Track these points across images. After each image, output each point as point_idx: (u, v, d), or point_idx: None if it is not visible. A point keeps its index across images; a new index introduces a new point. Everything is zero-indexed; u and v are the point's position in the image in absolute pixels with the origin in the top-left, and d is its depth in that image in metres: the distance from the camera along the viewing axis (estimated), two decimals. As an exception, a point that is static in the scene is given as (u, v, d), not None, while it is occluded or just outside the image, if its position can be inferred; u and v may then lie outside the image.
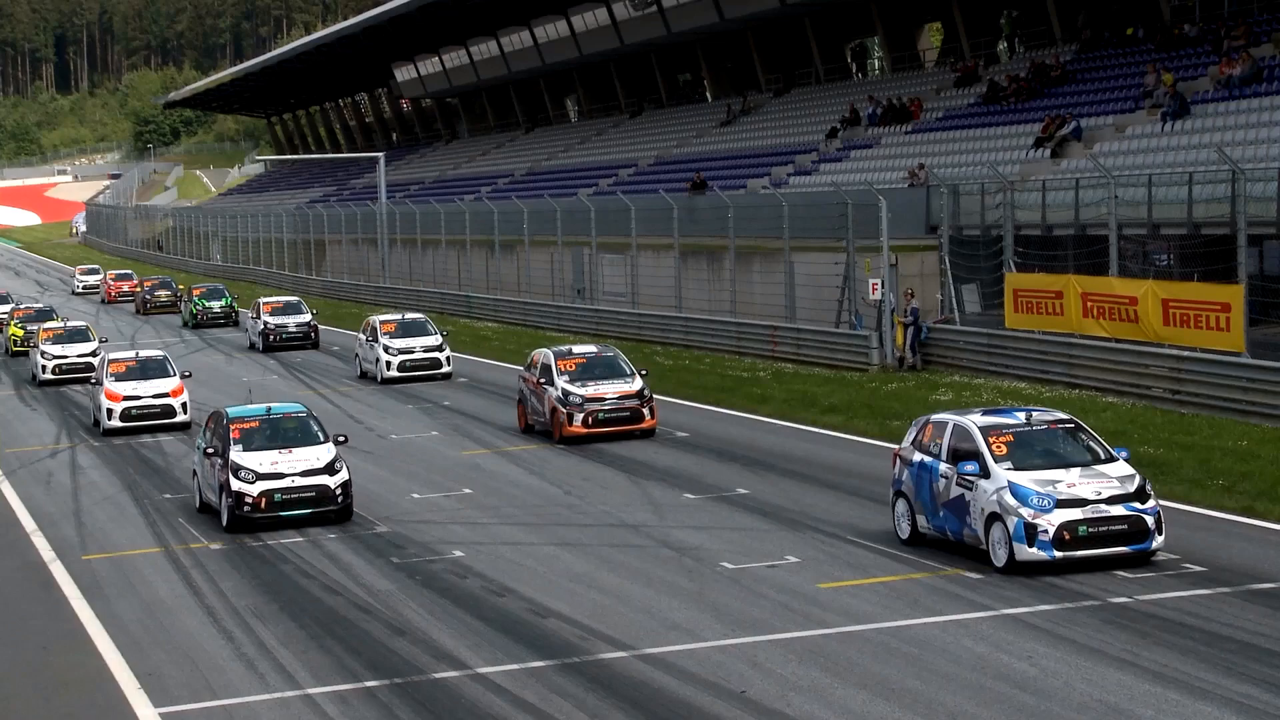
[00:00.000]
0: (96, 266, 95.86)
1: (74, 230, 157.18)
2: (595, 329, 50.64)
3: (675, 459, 28.47)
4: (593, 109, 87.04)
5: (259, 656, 17.55)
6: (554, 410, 30.65)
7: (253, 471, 24.03)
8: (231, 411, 25.54)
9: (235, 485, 23.95)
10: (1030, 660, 15.98)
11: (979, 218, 38.53)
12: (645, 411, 30.77)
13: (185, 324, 64.07)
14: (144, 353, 37.45)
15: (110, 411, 35.22)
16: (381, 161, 79.99)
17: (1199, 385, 29.70)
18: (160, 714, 15.77)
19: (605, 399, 30.51)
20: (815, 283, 41.03)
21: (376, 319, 44.12)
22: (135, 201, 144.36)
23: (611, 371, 31.39)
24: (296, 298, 57.16)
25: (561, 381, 30.74)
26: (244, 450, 24.36)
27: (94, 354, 43.96)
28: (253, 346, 53.30)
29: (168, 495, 27.63)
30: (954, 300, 37.51)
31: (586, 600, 19.10)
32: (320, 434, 25.08)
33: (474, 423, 34.19)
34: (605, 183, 67.98)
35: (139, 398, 35.30)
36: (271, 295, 61.67)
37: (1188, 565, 19.18)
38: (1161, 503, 22.79)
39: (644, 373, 31.91)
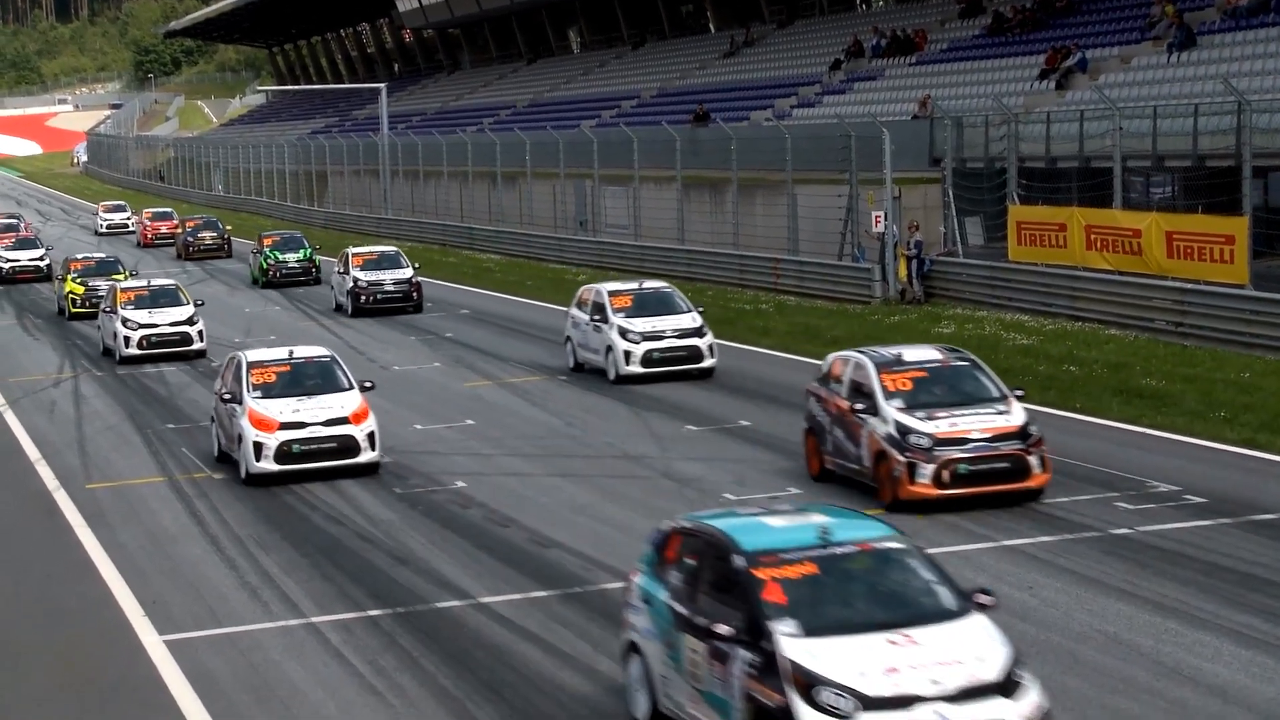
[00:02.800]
0: (123, 203, 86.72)
1: (75, 160, 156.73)
2: (597, 261, 50.57)
3: (677, 391, 28.48)
4: (595, 40, 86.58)
5: (262, 585, 17.62)
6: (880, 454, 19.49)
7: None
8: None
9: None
10: (1030, 591, 16.04)
11: (983, 150, 38.37)
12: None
13: (255, 281, 51.77)
14: (302, 351, 24.55)
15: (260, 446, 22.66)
16: (383, 93, 79.66)
17: (1202, 318, 29.67)
18: (164, 641, 15.86)
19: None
20: (818, 215, 40.92)
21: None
22: (136, 132, 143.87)
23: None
24: (394, 248, 45.92)
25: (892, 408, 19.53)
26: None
27: (191, 321, 35.81)
28: (340, 308, 42.96)
29: (170, 425, 27.68)
30: (957, 233, 37.42)
31: (588, 531, 19.16)
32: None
33: (476, 354, 34.20)
34: (608, 114, 67.69)
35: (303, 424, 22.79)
36: (363, 244, 50.37)
37: (1189, 497, 19.22)
38: (1163, 434, 22.97)
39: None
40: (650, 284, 31.03)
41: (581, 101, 74.57)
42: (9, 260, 57.26)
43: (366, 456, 22.53)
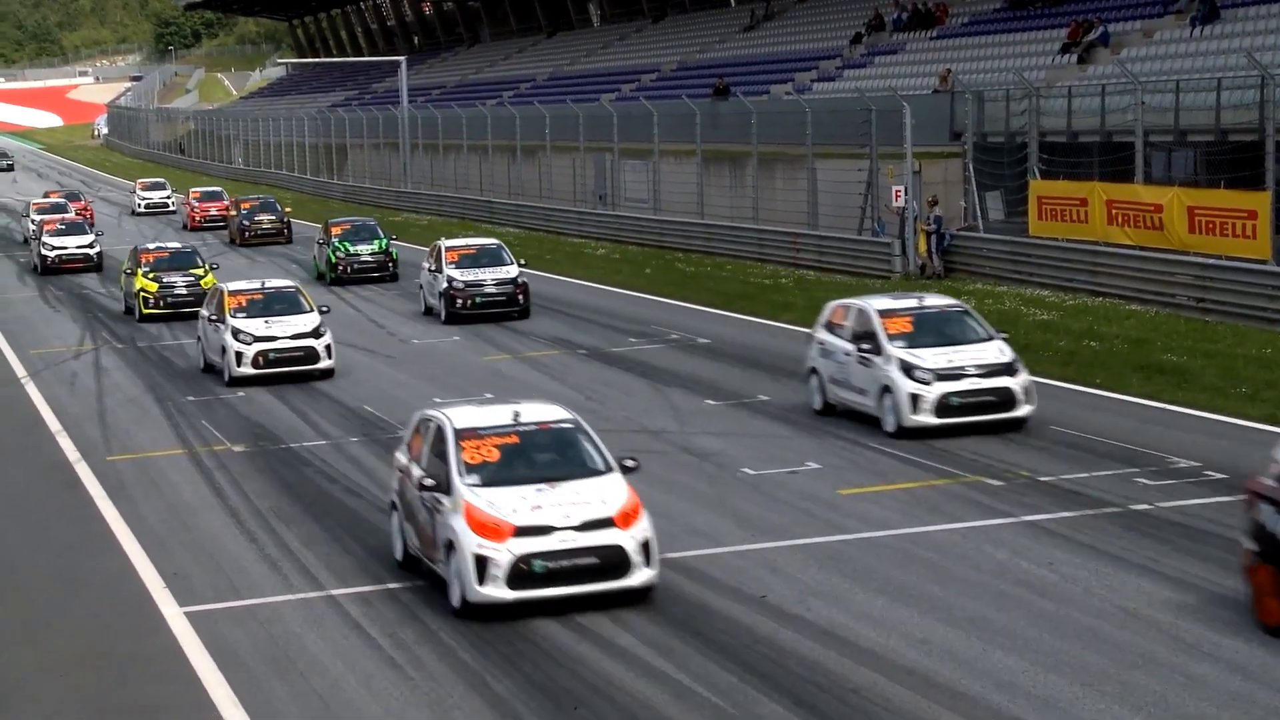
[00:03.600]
0: (162, 180, 79.25)
1: (96, 133, 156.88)
2: (616, 235, 50.54)
3: (696, 365, 28.47)
4: (615, 13, 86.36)
5: (282, 557, 17.67)
6: None
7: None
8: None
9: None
10: (1050, 566, 16.02)
11: (1004, 124, 38.25)
12: None
13: (321, 276, 43.95)
14: (532, 412, 16.79)
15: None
16: (403, 65, 79.57)
17: (1224, 293, 29.57)
18: (185, 613, 15.91)
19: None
20: (838, 190, 40.83)
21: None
22: (156, 104, 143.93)
23: None
24: (495, 241, 37.78)
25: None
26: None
27: (317, 332, 28.72)
28: (430, 312, 36.05)
29: (191, 397, 27.75)
30: (977, 207, 37.32)
31: (607, 504, 19.11)
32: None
33: (494, 328, 34.17)
34: (628, 88, 67.56)
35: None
36: (457, 236, 41.28)
37: (1209, 473, 19.18)
38: (1184, 410, 22.91)
39: None
40: (933, 300, 23.51)
41: (601, 75, 74.43)
42: (55, 248, 49.76)
43: (640, 577, 15.24)
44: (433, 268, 35.93)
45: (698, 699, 13.05)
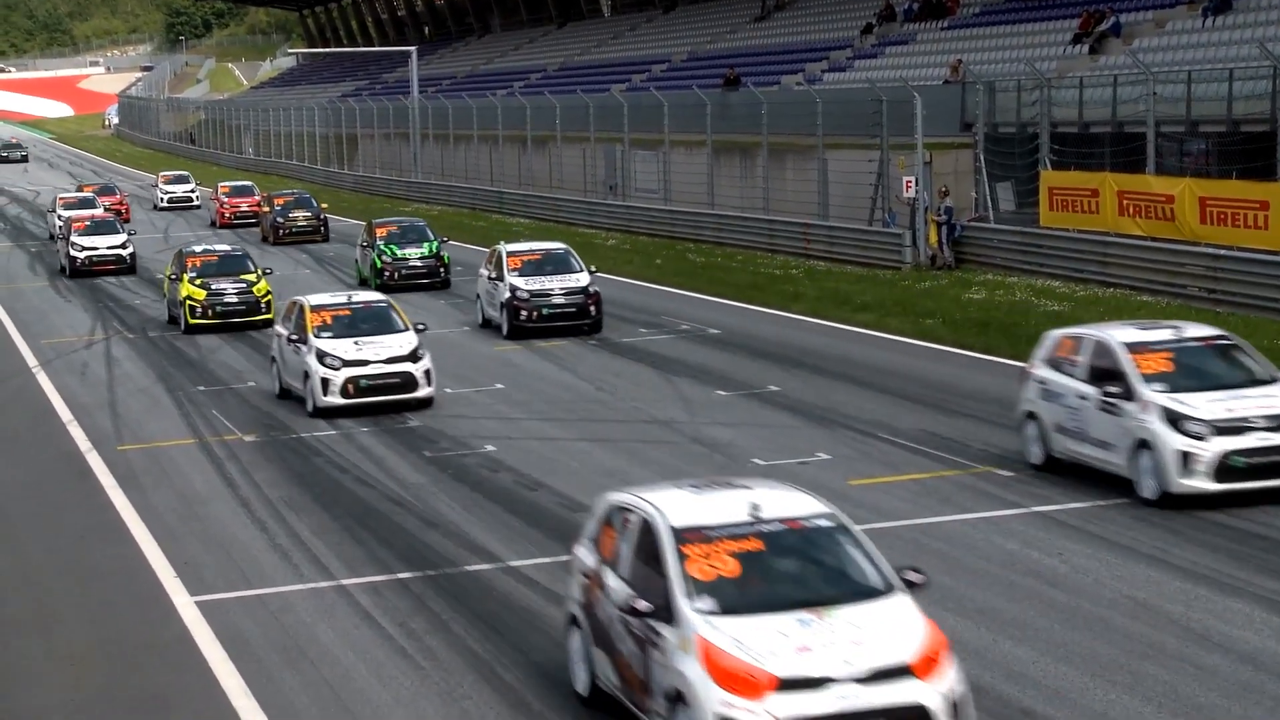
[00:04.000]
0: (186, 173, 75.16)
1: (107, 122, 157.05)
2: (627, 226, 50.53)
3: (707, 356, 28.48)
4: (625, 4, 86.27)
5: (293, 547, 17.70)
6: None
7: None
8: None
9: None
10: (1060, 557, 16.02)
11: (1015, 115, 38.17)
12: None
13: (363, 281, 39.79)
14: (771, 504, 12.21)
15: None
16: (414, 56, 79.54)
17: (1235, 284, 29.52)
18: (196, 602, 15.94)
19: None
20: (848, 180, 40.79)
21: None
22: (167, 94, 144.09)
23: None
24: (562, 245, 33.14)
25: None
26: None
27: (414, 355, 24.86)
28: (488, 323, 32.28)
29: (201, 387, 27.77)
30: (988, 198, 37.27)
31: (618, 494, 19.12)
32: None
33: (506, 318, 34.12)
34: (638, 78, 67.51)
35: None
36: (519, 240, 37.01)
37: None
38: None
39: None
40: (1194, 329, 19.31)
41: (612, 65, 74.38)
42: (84, 249, 45.69)
43: None
44: (492, 275, 31.96)
45: (708, 689, 13.01)
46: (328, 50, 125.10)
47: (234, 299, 34.23)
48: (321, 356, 24.58)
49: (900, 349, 28.39)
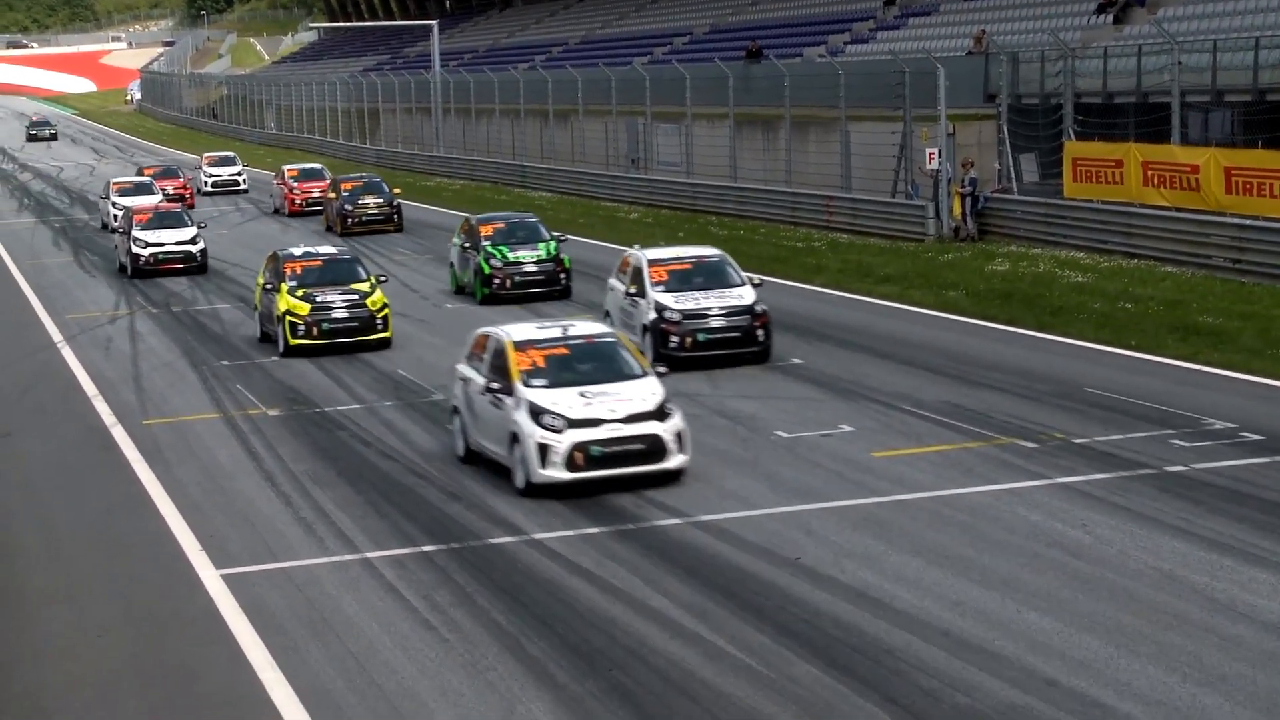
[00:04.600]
0: (232, 154, 68.82)
1: (129, 98, 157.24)
2: (650, 199, 50.47)
3: (730, 328, 28.40)
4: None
5: (317, 521, 17.75)
6: None
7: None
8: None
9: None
10: (1085, 528, 15.99)
11: (1038, 86, 38.03)
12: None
13: (459, 289, 34.19)
14: None
15: None
16: (435, 30, 79.47)
17: (1261, 254, 29.40)
18: (221, 575, 16.01)
19: None
20: (871, 152, 40.68)
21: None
22: (189, 69, 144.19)
23: None
24: (716, 251, 26.91)
25: None
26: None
27: (662, 412, 18.50)
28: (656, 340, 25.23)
29: (225, 362, 27.85)
30: (1012, 170, 37.14)
31: (641, 467, 19.11)
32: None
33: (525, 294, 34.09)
34: (660, 51, 67.36)
35: None
36: (661, 246, 30.05)
37: (1245, 434, 19.11)
38: (1219, 371, 22.78)
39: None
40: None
41: (634, 38, 74.22)
42: (148, 244, 39.88)
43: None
44: (630, 290, 26.05)
45: (732, 660, 13.09)
46: (349, 24, 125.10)
47: (343, 314, 28.01)
48: (537, 414, 18.26)
49: (923, 320, 28.34)
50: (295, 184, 54.90)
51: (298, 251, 30.07)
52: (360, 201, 47.83)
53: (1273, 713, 11.66)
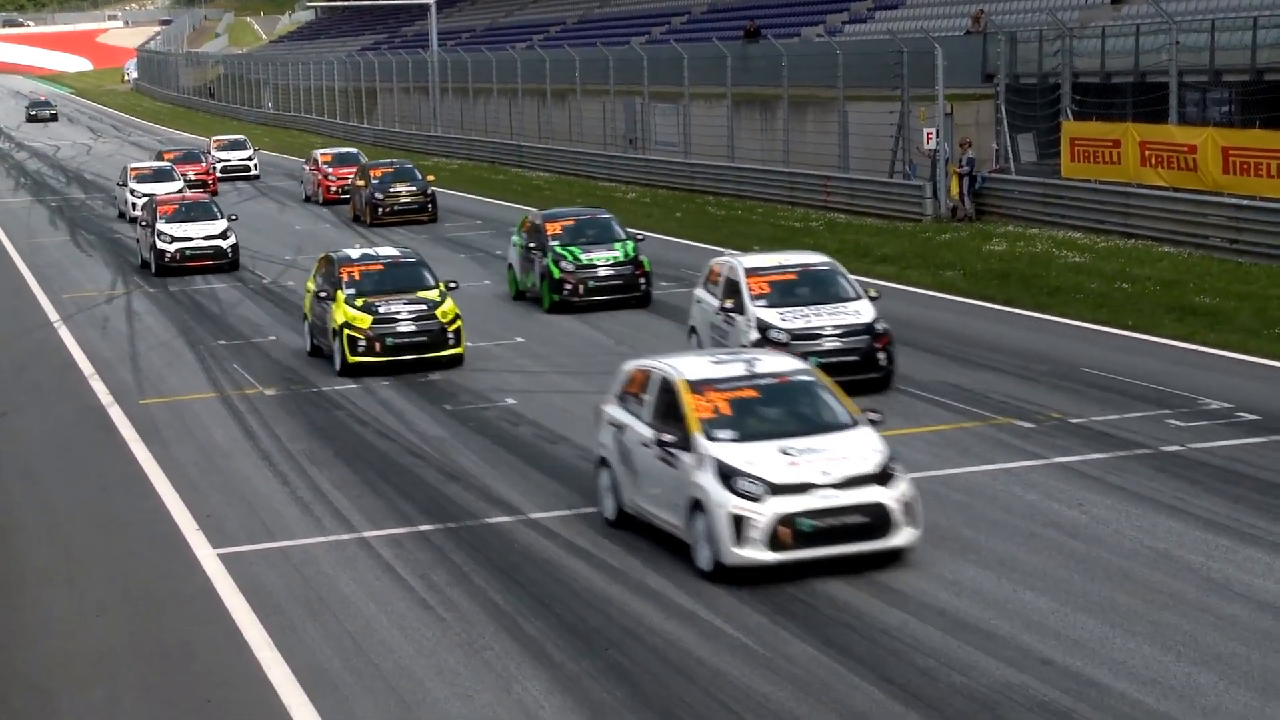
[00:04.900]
0: (242, 137, 65.27)
1: (126, 77, 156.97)
2: (647, 179, 50.43)
3: (727, 308, 28.39)
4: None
5: (314, 500, 17.77)
6: None
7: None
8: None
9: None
10: (1081, 508, 16.02)
11: (1036, 66, 37.99)
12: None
13: (520, 293, 30.51)
14: None
15: None
16: (433, 9, 79.29)
17: (1258, 234, 29.40)
18: (218, 554, 16.03)
19: None
20: (869, 133, 40.65)
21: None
22: (186, 48, 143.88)
23: None
24: (825, 260, 23.65)
25: None
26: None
27: (885, 474, 14.67)
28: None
29: (222, 341, 27.84)
30: (1009, 150, 37.12)
31: (638, 447, 19.09)
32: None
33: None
34: (658, 31, 67.25)
35: None
36: (758, 252, 27.26)
37: (1241, 414, 19.12)
38: (1216, 351, 22.80)
39: None
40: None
41: (631, 18, 74.08)
42: (175, 239, 36.41)
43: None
44: (724, 304, 22.56)
45: (728, 639, 13.12)
46: (346, 3, 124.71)
47: (410, 326, 24.33)
48: (728, 476, 14.43)
49: (920, 301, 28.34)
50: (330, 169, 51.16)
51: (355, 254, 26.19)
52: (392, 189, 44.36)
53: (1267, 691, 11.69)
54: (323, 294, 25.20)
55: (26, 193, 60.74)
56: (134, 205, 45.18)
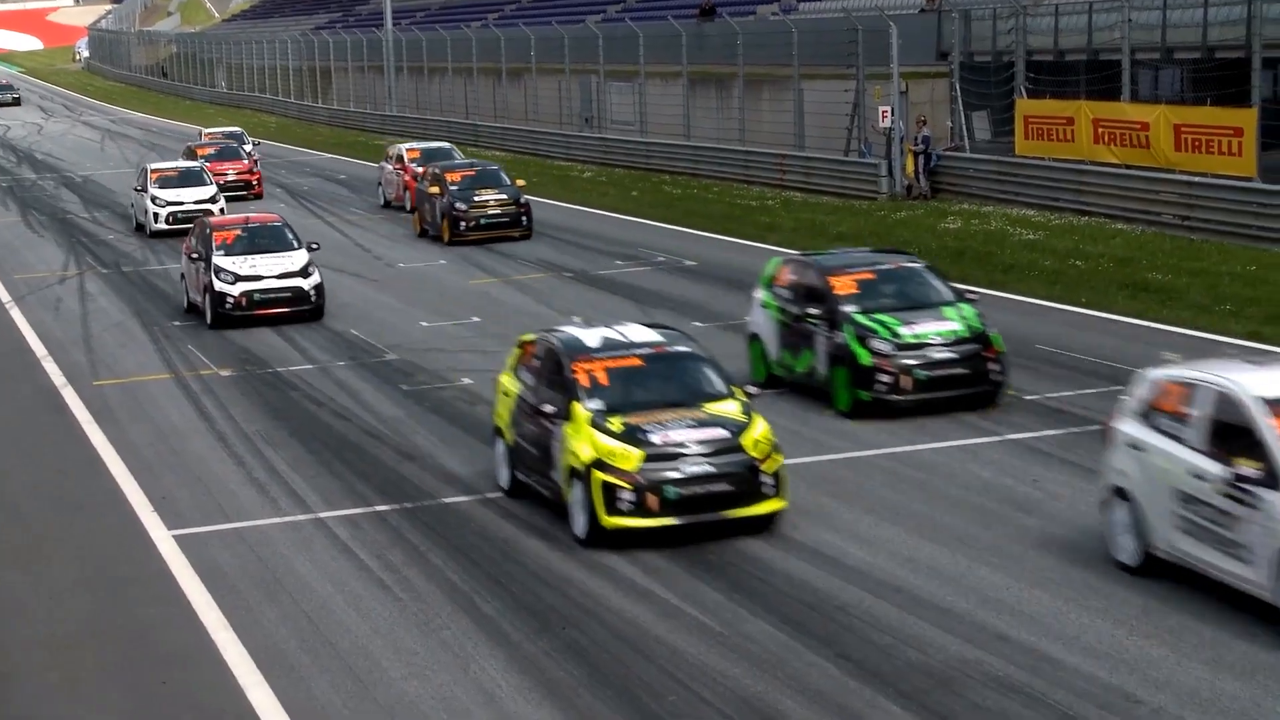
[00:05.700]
0: (238, 129, 56.61)
1: (76, 56, 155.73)
2: (603, 158, 50.37)
3: (683, 288, 28.47)
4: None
5: (270, 481, 17.72)
6: None
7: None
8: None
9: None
10: (1034, 484, 16.12)
11: (990, 44, 38.10)
12: None
13: (781, 384, 20.44)
14: None
15: None
16: (387, -14, 78.85)
17: (1209, 211, 29.58)
18: (174, 536, 15.98)
19: None
20: (824, 111, 40.70)
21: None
22: (138, 27, 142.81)
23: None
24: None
25: None
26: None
27: None
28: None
29: (176, 322, 27.70)
30: (964, 127, 37.22)
31: (594, 426, 19.06)
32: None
33: (482, 251, 34.07)
34: (613, 9, 67.08)
35: None
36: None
37: (1193, 391, 19.20)
38: (1168, 328, 22.94)
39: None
40: None
41: (586, -4, 73.86)
42: (237, 278, 26.81)
43: None
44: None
45: (685, 618, 13.16)
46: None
47: (704, 467, 14.92)
48: None
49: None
50: (417, 168, 39.94)
51: (593, 341, 16.49)
52: (477, 199, 35.15)
53: (1218, 664, 11.80)
54: (552, 411, 15.69)
55: (-23, 173, 60.20)
56: (156, 216, 38.39)
